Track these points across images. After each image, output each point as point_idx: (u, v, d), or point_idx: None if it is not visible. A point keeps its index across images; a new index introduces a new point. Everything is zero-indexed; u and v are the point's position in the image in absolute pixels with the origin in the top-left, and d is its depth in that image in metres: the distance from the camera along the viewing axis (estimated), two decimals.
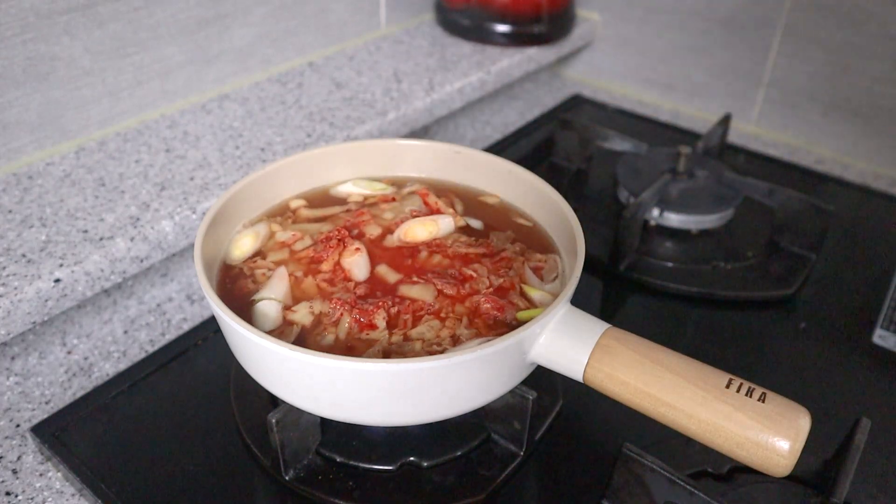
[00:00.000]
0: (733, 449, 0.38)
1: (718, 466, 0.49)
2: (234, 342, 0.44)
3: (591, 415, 0.54)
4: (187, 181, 0.66)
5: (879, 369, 0.59)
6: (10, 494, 0.49)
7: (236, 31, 0.80)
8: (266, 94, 0.82)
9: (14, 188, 0.64)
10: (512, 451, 0.50)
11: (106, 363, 0.59)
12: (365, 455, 0.49)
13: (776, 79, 0.91)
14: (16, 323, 0.54)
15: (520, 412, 0.48)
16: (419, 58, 0.92)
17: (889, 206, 0.80)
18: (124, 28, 0.70)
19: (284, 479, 0.47)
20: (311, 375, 0.40)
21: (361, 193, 0.57)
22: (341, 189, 0.58)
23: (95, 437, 0.51)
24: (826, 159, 0.90)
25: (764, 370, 0.59)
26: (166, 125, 0.75)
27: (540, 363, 0.44)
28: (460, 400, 0.43)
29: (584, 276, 0.62)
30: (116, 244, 0.58)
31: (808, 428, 0.37)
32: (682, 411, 0.39)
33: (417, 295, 0.47)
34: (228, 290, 0.48)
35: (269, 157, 0.71)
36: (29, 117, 0.66)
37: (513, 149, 0.88)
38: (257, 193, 0.55)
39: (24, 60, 0.64)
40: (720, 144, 0.85)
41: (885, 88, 0.84)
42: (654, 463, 0.44)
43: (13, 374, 0.58)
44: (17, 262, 0.56)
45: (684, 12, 0.95)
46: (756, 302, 0.66)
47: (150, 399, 0.54)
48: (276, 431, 0.45)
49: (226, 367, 0.55)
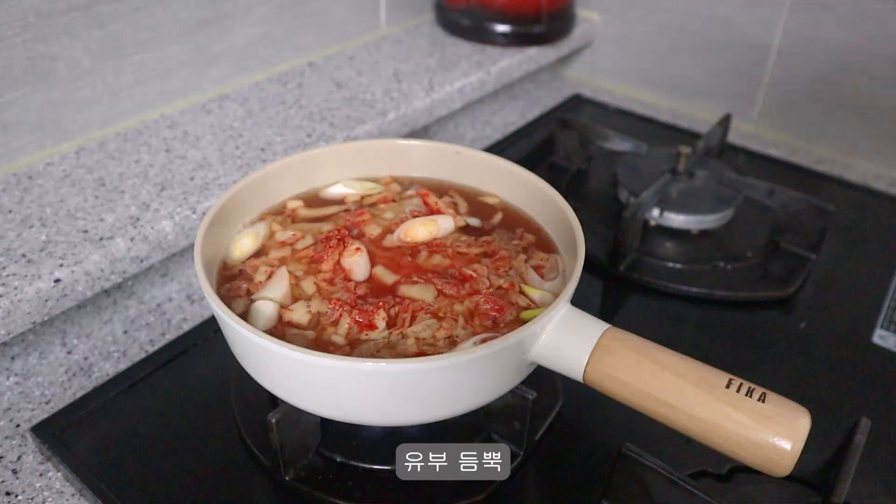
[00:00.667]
0: (733, 449, 0.38)
1: (718, 466, 0.49)
2: (234, 342, 0.44)
3: (591, 415, 0.54)
4: (187, 181, 0.66)
5: (879, 369, 0.59)
6: (10, 494, 0.49)
7: (236, 31, 0.80)
8: (266, 94, 0.82)
9: (14, 188, 0.64)
10: (512, 451, 0.50)
11: (106, 363, 0.59)
12: (365, 455, 0.49)
13: (776, 79, 0.91)
14: (16, 323, 0.54)
15: (520, 412, 0.48)
16: (419, 58, 0.92)
17: (889, 206, 0.80)
18: (124, 28, 0.70)
19: (284, 479, 0.47)
20: (311, 375, 0.40)
21: (356, 193, 0.57)
22: (332, 190, 0.58)
23: (95, 437, 0.51)
24: (826, 159, 0.90)
25: (764, 370, 0.59)
26: (166, 125, 0.75)
27: (540, 363, 0.44)
28: (460, 400, 0.43)
29: (584, 276, 0.62)
30: (116, 244, 0.58)
31: (808, 428, 0.37)
32: (682, 411, 0.39)
33: (417, 295, 0.47)
34: (228, 289, 0.48)
35: (269, 157, 0.71)
36: (29, 117, 0.66)
37: (513, 149, 0.88)
38: (257, 193, 0.55)
39: (24, 60, 0.64)
40: (720, 144, 0.85)
41: (885, 88, 0.84)
42: (654, 463, 0.44)
43: (13, 374, 0.58)
44: (17, 262, 0.56)
45: (684, 12, 0.95)
46: (756, 302, 0.66)
47: (150, 399, 0.54)
48: (276, 431, 0.45)
49: (226, 367, 0.55)
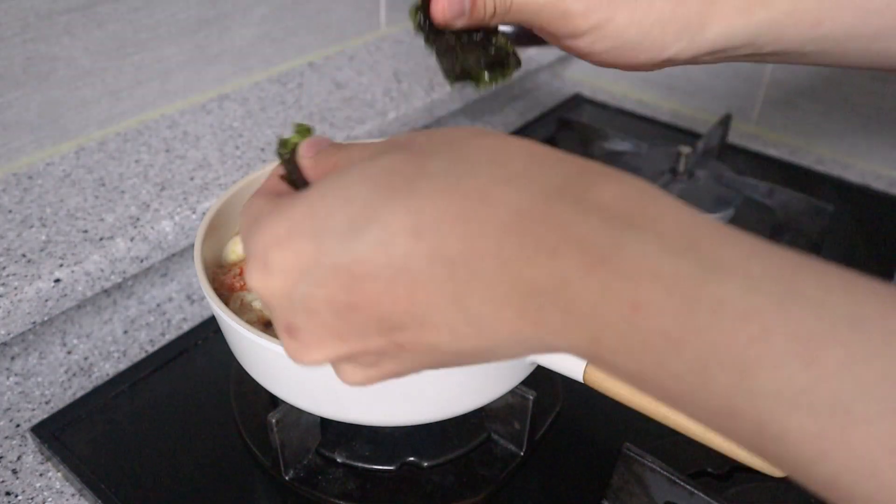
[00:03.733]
0: (733, 449, 0.38)
1: (718, 466, 0.49)
2: (234, 342, 0.44)
3: (591, 415, 0.54)
4: (187, 181, 0.66)
5: None
6: (10, 494, 0.49)
7: (236, 31, 0.80)
8: (266, 94, 0.82)
9: (14, 188, 0.64)
10: (512, 451, 0.50)
11: (106, 363, 0.59)
12: (365, 455, 0.49)
13: (776, 79, 0.91)
14: (16, 323, 0.54)
15: (520, 412, 0.48)
16: (419, 58, 0.92)
17: (889, 206, 0.80)
18: (124, 28, 0.70)
19: (284, 479, 0.47)
20: (311, 375, 0.40)
21: None
22: None
23: (95, 437, 0.51)
24: (826, 159, 0.90)
25: None
26: (166, 125, 0.75)
27: (540, 363, 0.44)
28: (460, 400, 0.43)
29: None
30: (116, 244, 0.58)
31: None
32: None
33: None
34: (228, 289, 0.48)
35: (269, 157, 0.71)
36: (29, 117, 0.66)
37: None
38: None
39: (24, 60, 0.64)
40: (720, 144, 0.85)
41: (885, 88, 0.84)
42: (654, 463, 0.44)
43: (13, 374, 0.58)
44: (17, 262, 0.56)
45: None
46: None
47: (150, 399, 0.54)
48: (276, 431, 0.45)
49: (226, 367, 0.55)
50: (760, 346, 0.18)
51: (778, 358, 0.18)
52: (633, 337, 0.19)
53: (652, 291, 0.19)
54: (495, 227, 0.21)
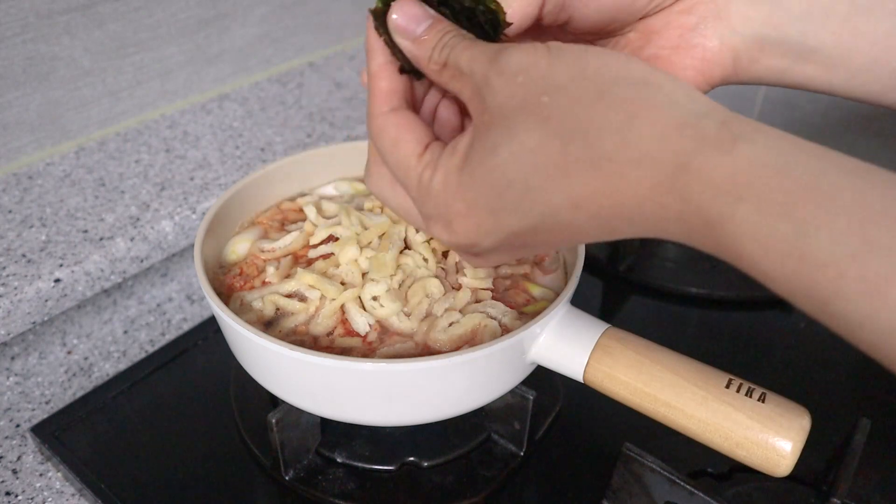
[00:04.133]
0: (733, 449, 0.38)
1: (718, 466, 0.49)
2: (234, 342, 0.44)
3: (591, 415, 0.54)
4: (187, 181, 0.66)
5: (879, 369, 0.59)
6: (10, 494, 0.49)
7: (236, 31, 0.80)
8: (266, 94, 0.82)
9: (14, 188, 0.64)
10: (512, 451, 0.50)
11: (106, 363, 0.59)
12: (365, 455, 0.49)
13: None
14: (16, 323, 0.54)
15: (520, 412, 0.48)
16: None
17: None
18: (124, 28, 0.70)
19: (284, 479, 0.48)
20: (311, 375, 0.40)
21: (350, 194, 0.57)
22: (322, 191, 0.58)
23: (95, 437, 0.51)
24: None
25: (764, 370, 0.59)
26: (166, 125, 0.75)
27: (540, 363, 0.44)
28: (460, 400, 0.43)
29: (584, 276, 0.62)
30: (116, 244, 0.58)
31: (808, 428, 0.37)
32: (682, 411, 0.39)
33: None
34: (228, 289, 0.48)
35: (269, 157, 0.71)
36: (29, 117, 0.66)
37: None
38: (257, 194, 0.55)
39: (24, 60, 0.64)
40: None
41: None
42: (654, 463, 0.44)
43: (13, 374, 0.58)
44: (17, 262, 0.56)
45: None
46: (756, 302, 0.66)
47: (150, 399, 0.54)
48: (276, 431, 0.45)
49: (226, 367, 0.55)
50: (838, 283, 0.24)
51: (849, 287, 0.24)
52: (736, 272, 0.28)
53: (752, 249, 0.25)
54: (635, 197, 0.28)
